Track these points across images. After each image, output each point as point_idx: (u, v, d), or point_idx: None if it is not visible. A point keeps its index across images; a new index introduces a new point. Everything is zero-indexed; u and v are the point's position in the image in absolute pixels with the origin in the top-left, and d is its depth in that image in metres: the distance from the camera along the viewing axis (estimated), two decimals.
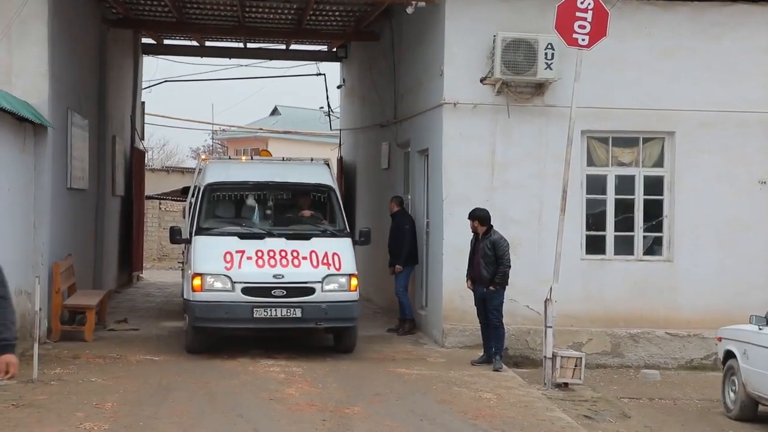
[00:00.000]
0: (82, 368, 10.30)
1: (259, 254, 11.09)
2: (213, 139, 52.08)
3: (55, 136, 12.20)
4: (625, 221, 12.86)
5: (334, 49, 20.57)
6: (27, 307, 11.09)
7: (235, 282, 10.91)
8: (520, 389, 10.10)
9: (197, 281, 10.94)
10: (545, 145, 12.48)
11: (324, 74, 22.61)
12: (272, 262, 11.05)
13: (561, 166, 10.92)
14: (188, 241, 11.71)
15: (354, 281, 11.20)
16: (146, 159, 24.59)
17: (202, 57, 21.82)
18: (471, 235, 11.44)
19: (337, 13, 16.61)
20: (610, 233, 12.82)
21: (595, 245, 12.78)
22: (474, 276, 11.28)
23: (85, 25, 14.73)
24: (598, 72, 12.17)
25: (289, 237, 11.41)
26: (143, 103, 21.98)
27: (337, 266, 11.18)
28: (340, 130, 22.31)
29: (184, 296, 11.44)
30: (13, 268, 10.87)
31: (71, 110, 13.30)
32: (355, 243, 11.83)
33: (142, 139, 22.35)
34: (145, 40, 20.64)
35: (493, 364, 11.11)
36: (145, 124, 23.80)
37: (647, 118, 12.75)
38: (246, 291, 10.91)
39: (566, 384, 10.63)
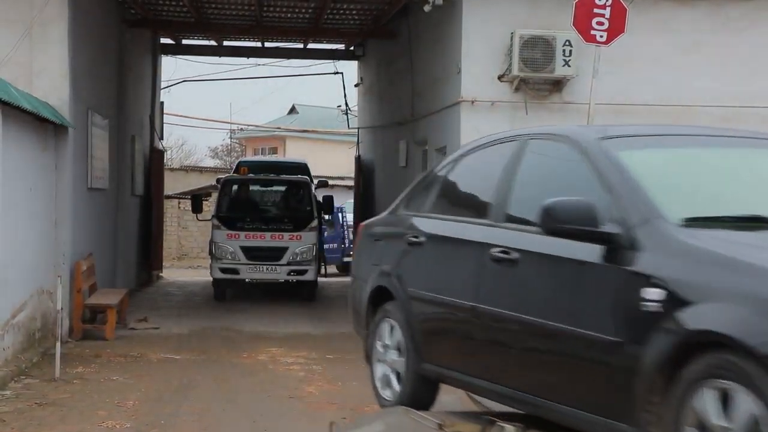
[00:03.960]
0: (103, 367, 10.37)
1: None
2: (231, 138, 52.31)
3: (76, 137, 12.28)
4: None
5: (351, 48, 20.61)
6: (49, 306, 11.18)
7: None
8: None
9: None
10: None
11: (341, 73, 22.71)
12: None
13: None
14: None
15: None
16: (165, 158, 24.68)
17: (220, 56, 21.98)
18: None
19: (354, 12, 16.65)
20: None
21: None
22: None
23: (104, 25, 14.82)
24: (616, 68, 12.10)
25: None
26: (162, 102, 22.08)
27: None
28: (358, 128, 22.34)
29: None
30: (35, 268, 10.98)
31: (91, 110, 13.39)
32: None
33: (161, 138, 22.45)
34: (163, 40, 20.75)
35: None
36: (164, 124, 23.91)
37: (667, 114, 12.66)
38: None
39: None
